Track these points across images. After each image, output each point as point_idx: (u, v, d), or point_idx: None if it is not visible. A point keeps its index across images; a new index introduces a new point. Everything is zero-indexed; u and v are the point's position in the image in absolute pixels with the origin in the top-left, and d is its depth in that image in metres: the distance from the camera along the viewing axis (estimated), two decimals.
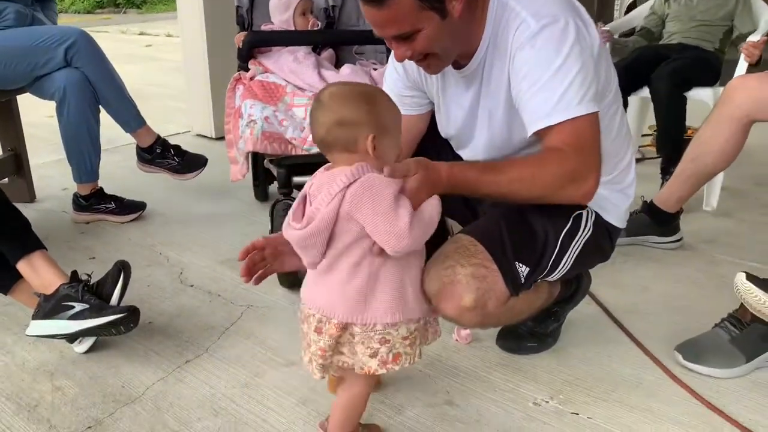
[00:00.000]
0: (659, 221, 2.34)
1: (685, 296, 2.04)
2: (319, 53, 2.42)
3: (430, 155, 1.30)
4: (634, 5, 5.12)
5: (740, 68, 2.71)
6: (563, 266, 1.46)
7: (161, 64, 7.12)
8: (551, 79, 1.29)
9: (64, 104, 2.52)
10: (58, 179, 3.13)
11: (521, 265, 1.38)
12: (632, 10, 3.83)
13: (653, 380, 1.63)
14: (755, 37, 2.73)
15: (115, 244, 2.49)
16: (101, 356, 1.77)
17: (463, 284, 1.30)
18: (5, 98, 2.72)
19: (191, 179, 2.81)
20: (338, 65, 2.44)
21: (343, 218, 1.16)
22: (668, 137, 2.87)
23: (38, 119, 3.75)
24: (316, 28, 2.43)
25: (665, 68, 2.84)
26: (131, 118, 2.69)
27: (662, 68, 2.85)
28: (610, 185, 1.50)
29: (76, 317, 1.67)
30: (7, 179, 2.87)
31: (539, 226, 1.42)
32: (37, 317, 1.72)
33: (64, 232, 2.61)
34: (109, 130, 2.76)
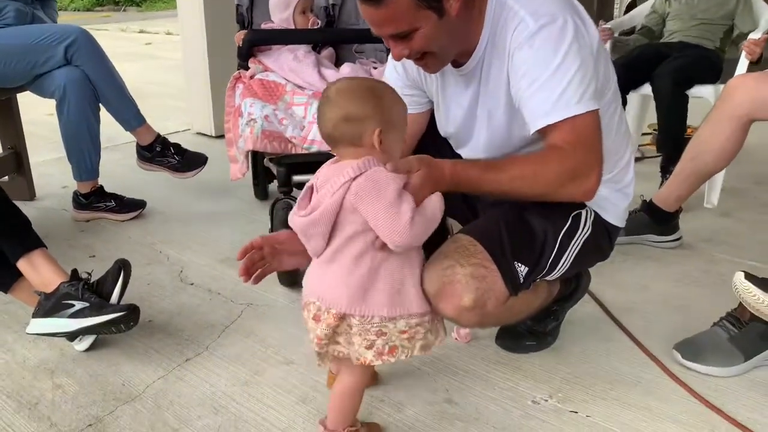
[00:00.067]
0: (658, 220, 2.34)
1: (684, 295, 2.04)
2: (319, 52, 2.42)
3: (430, 154, 1.31)
4: (633, 4, 5.12)
5: (741, 66, 2.72)
6: (562, 266, 1.46)
7: (161, 62, 7.11)
8: (550, 77, 1.29)
9: (64, 102, 2.52)
10: (58, 177, 3.13)
11: (520, 264, 1.39)
12: (632, 9, 3.84)
13: (652, 379, 1.63)
14: (756, 35, 2.73)
15: (115, 242, 2.50)
16: (101, 354, 1.77)
17: (462, 284, 1.30)
18: (5, 96, 2.72)
19: (191, 178, 2.81)
20: (338, 64, 2.44)
21: (347, 209, 1.18)
22: (669, 135, 2.87)
23: (38, 117, 3.75)
24: (316, 26, 2.43)
25: (667, 66, 2.84)
26: (131, 116, 2.69)
27: (664, 66, 2.85)
28: (609, 184, 1.51)
29: (76, 315, 1.67)
30: (7, 177, 2.88)
31: (538, 225, 1.43)
32: (37, 315, 1.72)
33: (64, 230, 2.61)
34: (109, 128, 2.76)
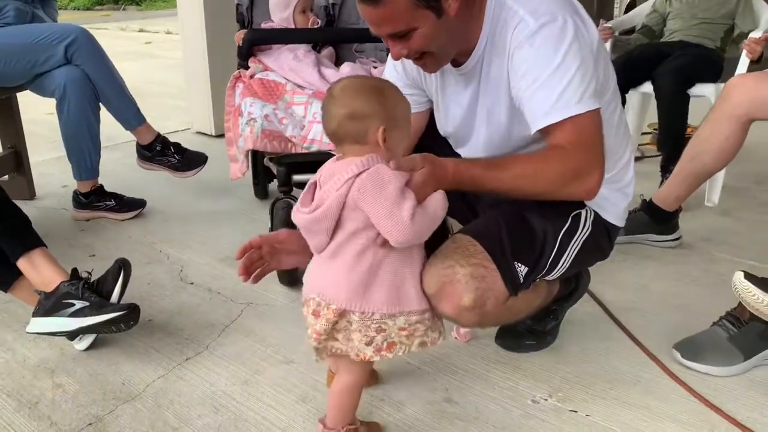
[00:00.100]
0: (658, 220, 2.34)
1: (683, 294, 2.04)
2: (319, 51, 2.42)
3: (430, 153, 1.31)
4: (633, 4, 5.13)
5: (742, 65, 2.72)
6: (562, 265, 1.47)
7: (161, 61, 7.11)
8: (550, 77, 1.30)
9: (64, 102, 2.52)
10: (58, 176, 3.13)
11: (520, 264, 1.39)
12: (632, 8, 3.85)
13: (651, 378, 1.63)
14: (757, 33, 2.73)
15: (115, 241, 2.50)
16: (102, 353, 1.77)
17: (462, 284, 1.30)
18: (5, 95, 2.72)
19: (191, 177, 2.81)
20: (338, 63, 2.44)
21: (350, 206, 1.19)
22: (670, 135, 2.87)
23: (38, 116, 3.75)
24: (316, 26, 2.43)
25: (669, 65, 2.84)
26: (131, 115, 2.69)
27: (666, 65, 2.85)
28: (609, 183, 1.51)
29: (76, 315, 1.67)
30: (7, 176, 2.88)
31: (538, 225, 1.43)
32: (37, 314, 1.72)
33: (64, 229, 2.61)
34: (109, 127, 2.76)
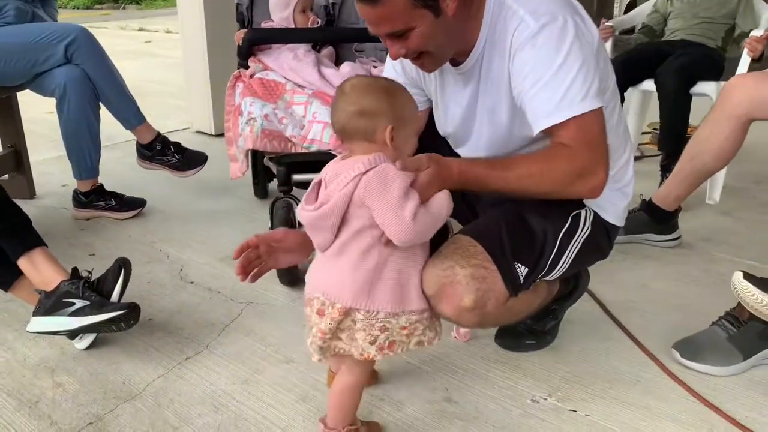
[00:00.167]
0: (658, 219, 2.34)
1: (683, 294, 2.05)
2: (319, 51, 2.42)
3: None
4: (633, 4, 5.13)
5: (743, 64, 2.73)
6: (562, 266, 1.47)
7: (161, 60, 7.11)
8: (553, 77, 1.30)
9: (64, 101, 2.52)
10: (58, 176, 3.13)
11: (520, 265, 1.39)
12: (632, 8, 3.84)
13: (651, 378, 1.64)
14: (758, 32, 2.74)
15: (115, 241, 2.50)
16: (102, 353, 1.77)
17: (462, 285, 1.30)
18: (5, 95, 2.72)
19: (191, 176, 2.81)
20: (338, 63, 2.44)
21: (355, 203, 1.20)
22: (671, 133, 2.87)
23: (38, 116, 3.75)
24: (316, 25, 2.43)
25: (672, 64, 2.84)
26: (131, 115, 2.69)
27: (669, 63, 2.85)
28: (608, 183, 1.50)
29: (76, 314, 1.67)
30: (7, 176, 2.88)
31: (538, 225, 1.43)
32: (37, 314, 1.72)
33: (64, 228, 2.61)
34: (108, 126, 2.76)
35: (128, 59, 6.41)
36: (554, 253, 1.44)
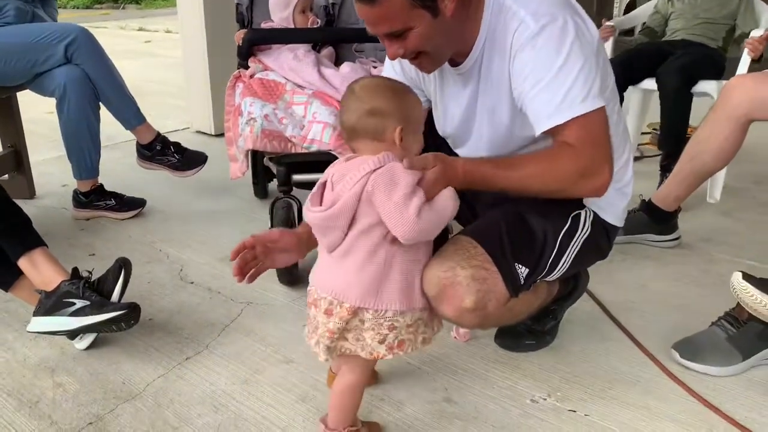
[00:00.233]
0: (657, 220, 2.35)
1: (682, 294, 2.05)
2: (318, 51, 2.42)
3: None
4: (633, 4, 5.14)
5: (743, 64, 2.73)
6: (562, 266, 1.47)
7: (160, 60, 7.11)
8: (554, 78, 1.30)
9: (64, 101, 2.52)
10: (58, 176, 3.13)
11: (521, 266, 1.39)
12: (632, 8, 3.85)
13: (650, 378, 1.64)
14: (758, 32, 2.74)
15: (115, 241, 2.50)
16: (102, 353, 1.78)
17: (463, 286, 1.30)
18: (5, 95, 2.72)
19: (191, 176, 2.81)
20: (338, 63, 2.44)
21: (364, 201, 1.21)
22: (672, 133, 2.87)
23: (38, 116, 3.75)
24: (315, 25, 2.43)
25: (674, 63, 2.85)
26: (131, 115, 2.69)
27: (671, 63, 2.85)
28: None
29: (77, 314, 1.67)
30: (7, 176, 2.88)
31: (538, 226, 1.43)
32: (38, 314, 1.72)
33: (64, 228, 2.61)
34: (108, 126, 2.77)
35: (128, 59, 6.41)
36: (554, 253, 1.44)
